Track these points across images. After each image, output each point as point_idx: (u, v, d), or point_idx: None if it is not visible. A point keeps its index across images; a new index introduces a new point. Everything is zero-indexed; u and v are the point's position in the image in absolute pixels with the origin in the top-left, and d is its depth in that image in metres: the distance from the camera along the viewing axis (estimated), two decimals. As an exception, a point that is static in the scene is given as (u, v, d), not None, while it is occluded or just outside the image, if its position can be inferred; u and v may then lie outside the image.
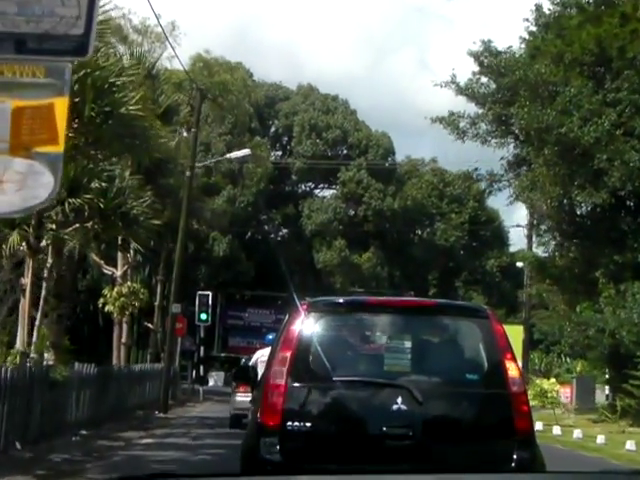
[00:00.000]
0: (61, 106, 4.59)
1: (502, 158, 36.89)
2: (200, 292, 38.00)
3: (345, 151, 56.49)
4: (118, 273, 32.15)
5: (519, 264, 48.61)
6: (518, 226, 45.70)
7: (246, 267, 51.42)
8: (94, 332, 45.01)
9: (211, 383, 53.66)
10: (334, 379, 6.85)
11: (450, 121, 36.61)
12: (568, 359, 57.57)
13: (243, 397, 18.38)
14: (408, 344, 7.17)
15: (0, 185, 4.49)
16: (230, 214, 50.71)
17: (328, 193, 56.00)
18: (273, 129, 57.28)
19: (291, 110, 55.52)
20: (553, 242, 36.21)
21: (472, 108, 36.91)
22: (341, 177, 54.06)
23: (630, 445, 21.25)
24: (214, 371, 54.73)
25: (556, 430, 26.31)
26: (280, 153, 58.49)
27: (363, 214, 53.54)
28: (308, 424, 6.66)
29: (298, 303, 7.29)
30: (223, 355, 56.69)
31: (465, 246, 58.25)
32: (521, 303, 63.69)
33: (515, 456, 6.61)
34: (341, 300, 8.11)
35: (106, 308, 30.39)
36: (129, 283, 31.67)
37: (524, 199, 35.86)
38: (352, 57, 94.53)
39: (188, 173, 29.64)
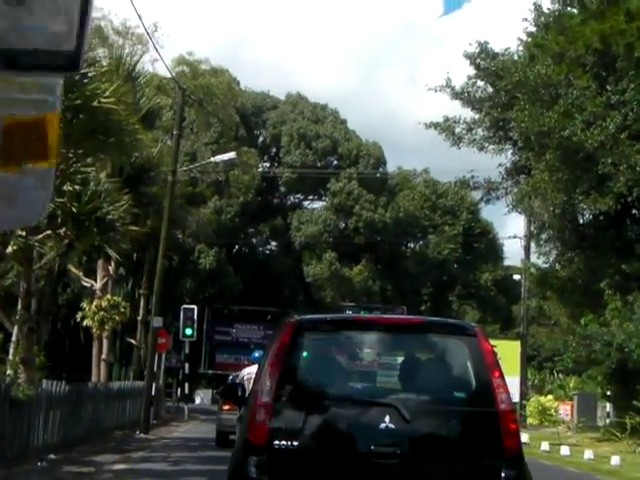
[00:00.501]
0: (52, 122, 4.02)
1: (500, 165, 35.48)
2: (185, 306, 36.30)
3: (335, 161, 54.98)
4: (97, 285, 30.49)
5: (516, 277, 47.10)
6: (515, 237, 44.02)
7: (233, 280, 49.72)
8: (74, 348, 43.30)
9: (197, 401, 51.96)
10: (322, 397, 6.79)
11: (445, 127, 35.16)
12: (561, 375, 56.31)
13: (229, 415, 18.00)
14: (396, 362, 7.29)
15: None
16: (216, 225, 49.04)
17: (318, 205, 54.36)
18: (261, 139, 55.58)
19: (279, 119, 53.94)
20: (555, 252, 34.63)
21: (468, 114, 35.51)
22: (331, 188, 52.48)
23: (648, 467, 19.70)
24: (201, 389, 53.00)
25: (564, 450, 24.67)
26: (268, 164, 56.83)
27: (354, 226, 51.97)
28: (295, 442, 6.47)
29: (287, 321, 7.20)
30: (210, 372, 54.98)
31: (459, 259, 56.67)
32: (516, 318, 62.22)
33: (503, 474, 6.51)
34: (329, 318, 7.85)
35: (84, 322, 28.81)
36: (109, 296, 30.03)
37: (524, 207, 34.35)
38: (342, 71, 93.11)
39: (170, 178, 27.88)
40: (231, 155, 33.46)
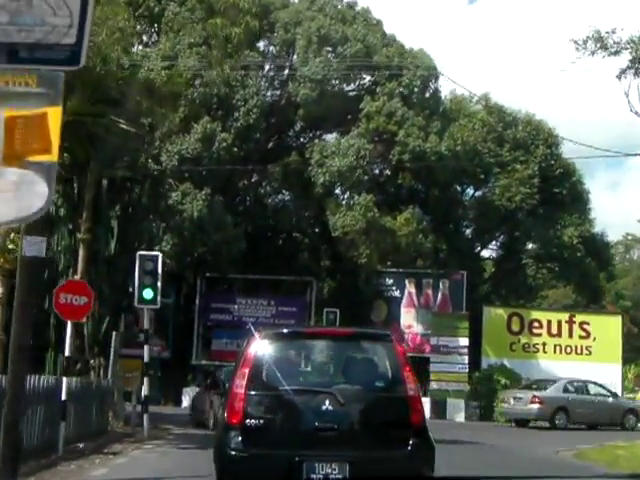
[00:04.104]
0: (54, 115, 4.81)
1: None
2: (142, 253, 22.09)
3: (368, 77, 40.81)
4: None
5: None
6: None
7: (233, 234, 35.51)
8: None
9: (186, 403, 37.92)
10: (281, 388, 8.97)
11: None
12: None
13: None
14: (334, 361, 9.63)
15: None
16: (208, 159, 34.98)
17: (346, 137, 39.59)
18: (269, 47, 41.11)
19: (293, 19, 39.62)
20: None
21: None
22: (365, 108, 38.23)
23: None
24: (190, 386, 38.93)
25: None
26: (277, 89, 42.49)
27: (397, 159, 37.63)
28: (262, 421, 8.87)
29: (254, 333, 9.28)
30: (204, 363, 40.94)
31: (534, 208, 42.27)
32: (604, 286, 47.92)
33: (411, 441, 8.86)
34: (286, 331, 10.32)
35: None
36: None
37: None
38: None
39: None
40: None
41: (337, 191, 39.63)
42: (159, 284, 21.68)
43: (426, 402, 37.38)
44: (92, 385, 20.78)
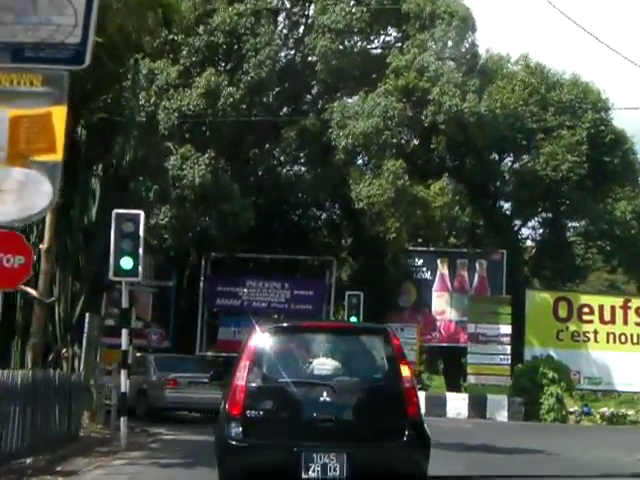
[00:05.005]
0: (59, 115, 5.12)
1: None
2: (118, 211, 17.25)
3: (394, 34, 36.06)
4: None
5: None
6: None
7: (240, 206, 30.69)
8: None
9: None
10: (280, 380, 9.15)
11: None
12: None
13: None
14: (332, 354, 9.48)
15: None
16: (213, 117, 30.20)
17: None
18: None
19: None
20: None
21: None
22: (393, 62, 33.34)
23: None
24: (194, 380, 34.17)
25: None
26: (292, 48, 37.70)
27: (430, 120, 32.66)
28: (262, 413, 9.02)
29: (255, 325, 9.58)
30: (210, 355, 36.33)
31: (582, 180, 37.31)
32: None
33: (407, 432, 8.98)
34: (285, 324, 10.76)
35: None
36: None
37: None
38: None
39: None
40: None
41: (360, 162, 34.94)
42: (140, 251, 16.96)
43: (463, 399, 32.72)
44: (53, 380, 16.04)
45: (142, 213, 17.42)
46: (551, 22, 73.25)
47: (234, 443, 8.86)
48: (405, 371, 9.25)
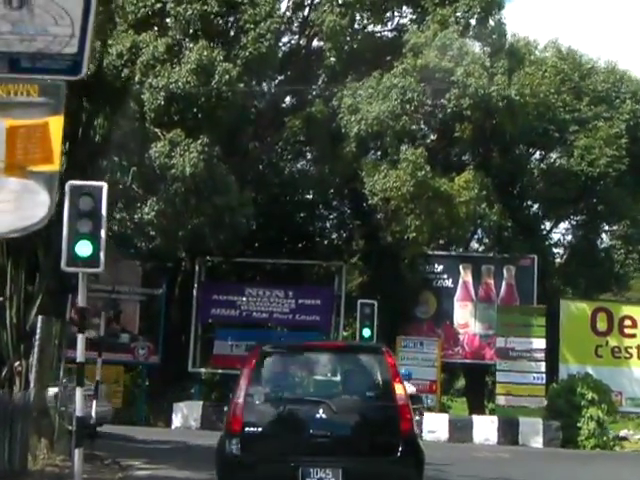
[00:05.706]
0: (56, 125, 5.19)
1: None
2: (74, 182, 13.16)
3: (411, 10, 32.20)
4: None
5: None
6: None
7: (237, 200, 26.74)
8: None
9: (177, 423, 29.45)
10: (277, 398, 9.79)
11: None
12: None
13: None
14: (329, 373, 10.33)
15: None
16: (205, 98, 26.27)
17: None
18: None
19: None
20: None
21: None
22: (410, 40, 29.43)
23: None
24: (184, 400, 30.26)
25: None
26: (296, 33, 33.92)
27: (454, 104, 28.71)
28: (260, 429, 9.49)
29: (255, 346, 11.00)
30: (204, 371, 32.50)
31: (621, 176, 33.38)
32: None
33: (400, 447, 9.43)
34: (284, 345, 12.46)
35: None
36: None
37: None
38: None
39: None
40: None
41: (373, 153, 31.08)
42: (102, 233, 12.85)
43: (492, 422, 28.72)
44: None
45: (105, 185, 13.31)
46: (580, 7, 68.37)
47: (234, 459, 9.39)
48: (399, 389, 9.75)
